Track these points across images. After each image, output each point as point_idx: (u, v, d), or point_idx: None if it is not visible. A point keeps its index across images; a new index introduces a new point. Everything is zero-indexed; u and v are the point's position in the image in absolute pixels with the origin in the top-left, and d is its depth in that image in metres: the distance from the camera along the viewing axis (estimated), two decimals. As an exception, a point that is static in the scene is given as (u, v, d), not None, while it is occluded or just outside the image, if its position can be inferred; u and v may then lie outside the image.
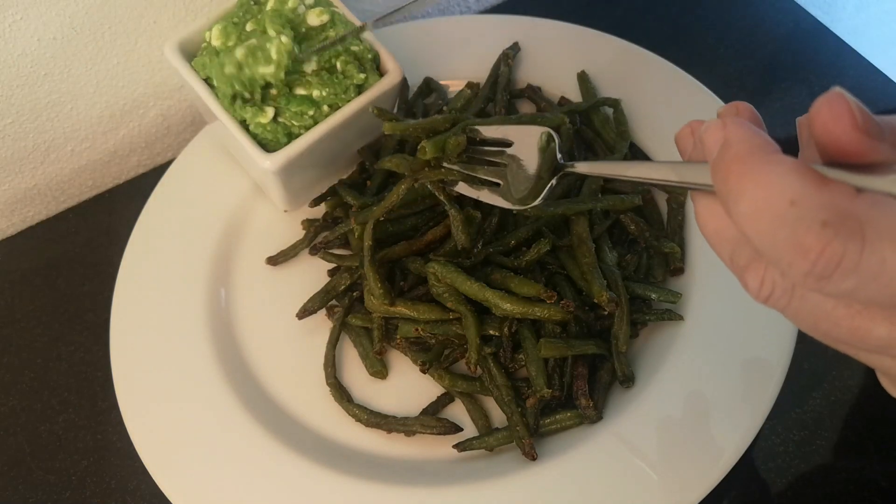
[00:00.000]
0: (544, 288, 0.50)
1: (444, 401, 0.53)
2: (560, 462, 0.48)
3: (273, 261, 0.60)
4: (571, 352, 0.50)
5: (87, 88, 0.66)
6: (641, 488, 0.46)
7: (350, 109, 0.55)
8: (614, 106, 0.62)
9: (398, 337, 0.54)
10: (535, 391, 0.49)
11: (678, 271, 0.55)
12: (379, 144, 0.62)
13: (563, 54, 0.65)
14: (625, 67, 0.64)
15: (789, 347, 0.49)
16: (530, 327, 0.51)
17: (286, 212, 0.62)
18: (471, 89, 0.64)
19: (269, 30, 0.53)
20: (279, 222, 0.62)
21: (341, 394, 0.54)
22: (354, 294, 0.56)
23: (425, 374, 0.53)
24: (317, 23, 0.55)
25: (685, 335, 0.51)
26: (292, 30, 0.54)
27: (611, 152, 0.60)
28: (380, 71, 0.58)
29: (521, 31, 0.66)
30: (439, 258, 0.52)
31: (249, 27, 0.54)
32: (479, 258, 0.53)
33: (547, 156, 0.46)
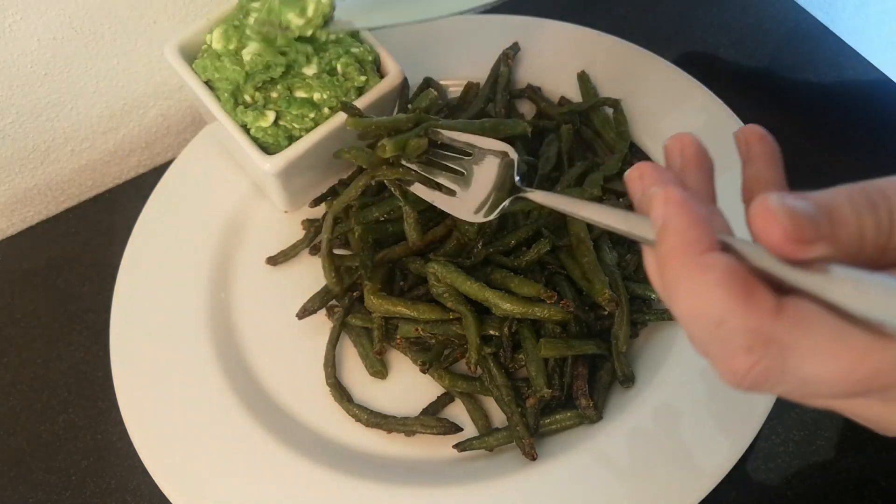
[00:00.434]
0: (544, 288, 0.50)
1: (444, 401, 0.53)
2: (560, 462, 0.48)
3: (273, 261, 0.60)
4: (571, 352, 0.50)
5: (87, 88, 0.66)
6: (642, 488, 0.46)
7: (350, 111, 0.55)
8: (614, 106, 0.62)
9: (398, 337, 0.54)
10: (535, 391, 0.49)
11: (678, 271, 0.55)
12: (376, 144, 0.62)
13: (563, 54, 0.65)
14: (625, 67, 0.64)
15: (789, 347, 0.49)
16: (530, 327, 0.51)
17: (286, 212, 0.62)
18: (471, 89, 0.64)
19: None
20: (279, 222, 0.62)
21: (341, 394, 0.54)
22: (354, 294, 0.56)
23: (425, 374, 0.53)
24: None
25: (685, 335, 0.51)
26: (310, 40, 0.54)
27: (611, 152, 0.60)
28: (380, 73, 0.58)
29: (520, 31, 0.66)
30: (439, 258, 0.52)
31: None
32: (479, 258, 0.53)
33: (505, 176, 0.47)
